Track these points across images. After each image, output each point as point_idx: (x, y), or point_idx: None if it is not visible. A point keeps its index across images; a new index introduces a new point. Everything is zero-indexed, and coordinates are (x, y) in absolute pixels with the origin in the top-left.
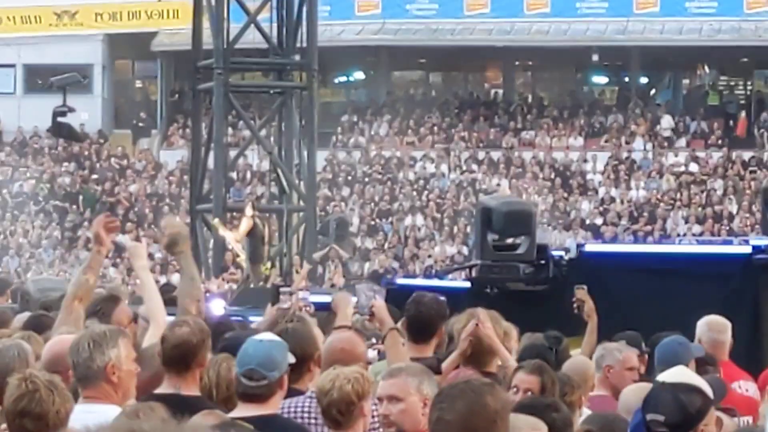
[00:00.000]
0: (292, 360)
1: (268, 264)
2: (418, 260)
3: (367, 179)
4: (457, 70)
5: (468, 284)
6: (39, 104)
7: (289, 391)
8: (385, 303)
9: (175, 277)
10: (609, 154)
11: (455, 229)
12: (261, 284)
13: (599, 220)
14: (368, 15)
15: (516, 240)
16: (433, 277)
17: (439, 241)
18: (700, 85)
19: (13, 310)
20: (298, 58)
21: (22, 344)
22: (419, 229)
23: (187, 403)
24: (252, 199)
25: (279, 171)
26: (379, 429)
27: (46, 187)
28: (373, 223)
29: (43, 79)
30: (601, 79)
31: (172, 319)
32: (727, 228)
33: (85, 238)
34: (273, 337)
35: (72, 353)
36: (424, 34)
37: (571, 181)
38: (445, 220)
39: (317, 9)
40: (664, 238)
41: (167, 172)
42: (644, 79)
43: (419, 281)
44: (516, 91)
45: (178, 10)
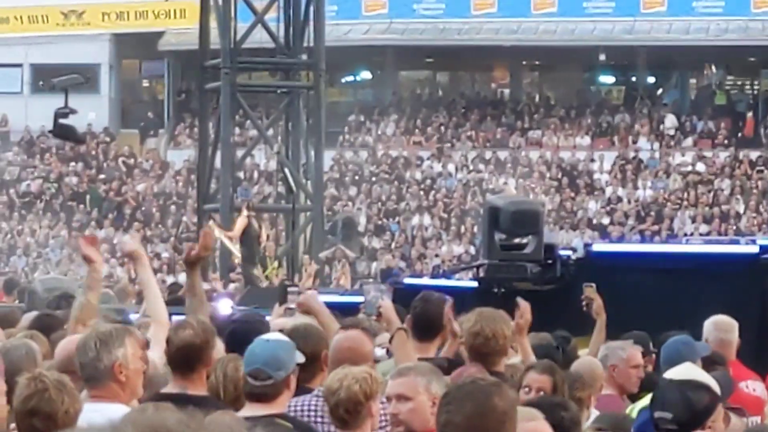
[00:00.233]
0: (301, 359)
1: (275, 264)
2: (425, 260)
3: (374, 179)
4: (463, 70)
5: (475, 284)
6: (46, 104)
7: (301, 390)
8: (392, 303)
9: (182, 277)
10: (616, 154)
11: (462, 229)
12: (268, 284)
13: (606, 220)
14: (375, 15)
15: (523, 240)
16: (440, 277)
17: (446, 240)
18: (708, 84)
19: (21, 310)
20: (305, 57)
21: (30, 343)
22: (426, 229)
23: (195, 403)
24: (247, 200)
25: (286, 170)
26: (387, 428)
27: (54, 187)
28: (380, 222)
29: (50, 79)
30: (608, 79)
31: (178, 319)
32: (734, 228)
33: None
34: (280, 336)
35: (79, 353)
36: (431, 34)
37: (578, 181)
38: (452, 220)
39: (324, 8)
40: (671, 237)
41: (174, 172)
42: (651, 79)
43: (426, 281)
44: (523, 91)
45: (185, 10)
